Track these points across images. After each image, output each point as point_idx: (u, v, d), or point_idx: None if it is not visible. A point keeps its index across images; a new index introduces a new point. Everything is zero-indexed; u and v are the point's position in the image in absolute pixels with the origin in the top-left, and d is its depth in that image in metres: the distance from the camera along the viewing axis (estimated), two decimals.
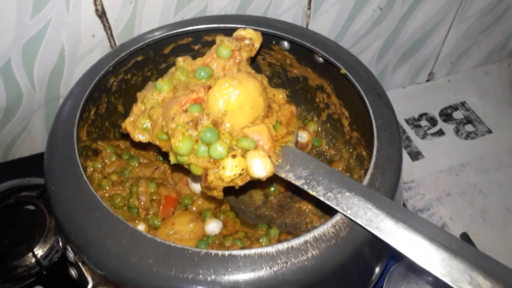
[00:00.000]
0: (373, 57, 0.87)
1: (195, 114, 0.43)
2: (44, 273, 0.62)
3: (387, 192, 0.41)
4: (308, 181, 0.42)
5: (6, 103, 0.68)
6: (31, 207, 0.70)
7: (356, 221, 0.38)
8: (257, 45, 0.51)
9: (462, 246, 0.36)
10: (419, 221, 0.37)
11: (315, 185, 0.42)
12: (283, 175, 0.44)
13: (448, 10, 0.83)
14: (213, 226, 0.52)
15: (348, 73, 0.51)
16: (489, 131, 0.88)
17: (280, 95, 0.52)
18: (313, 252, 0.36)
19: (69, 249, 0.39)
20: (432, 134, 0.89)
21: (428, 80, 0.98)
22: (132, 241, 0.37)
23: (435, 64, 0.95)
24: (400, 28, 0.83)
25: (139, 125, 0.47)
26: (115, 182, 0.54)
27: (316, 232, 0.37)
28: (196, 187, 0.55)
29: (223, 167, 0.42)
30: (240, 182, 0.44)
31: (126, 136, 0.63)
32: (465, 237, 0.73)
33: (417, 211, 0.77)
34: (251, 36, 0.49)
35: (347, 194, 0.40)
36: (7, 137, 0.74)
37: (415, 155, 0.85)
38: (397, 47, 0.87)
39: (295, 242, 0.36)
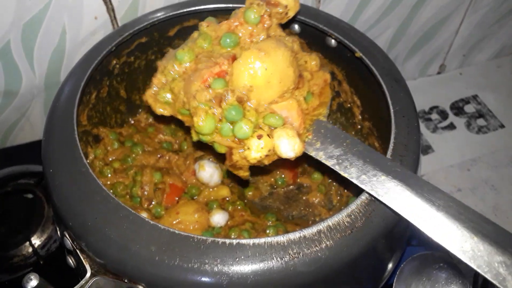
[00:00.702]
0: (383, 47, 0.84)
1: (218, 90, 0.39)
2: (41, 263, 0.60)
3: None
4: (340, 161, 0.39)
5: (4, 88, 0.66)
6: (29, 195, 0.68)
7: (393, 207, 0.35)
8: (291, 14, 0.46)
9: (507, 238, 0.33)
10: (462, 208, 0.34)
11: (348, 166, 0.38)
12: (312, 154, 0.41)
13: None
14: (219, 218, 0.49)
15: (363, 56, 0.48)
16: (502, 126, 0.86)
17: (313, 61, 0.47)
18: (327, 243, 0.34)
19: (67, 236, 0.37)
20: (443, 128, 0.86)
21: (439, 73, 0.96)
22: (133, 228, 0.34)
23: (447, 56, 0.92)
24: (411, 17, 0.80)
25: (160, 99, 0.43)
26: (117, 170, 0.51)
27: (330, 222, 0.34)
28: (205, 176, 0.52)
29: (248, 148, 0.39)
30: (266, 162, 0.40)
31: (127, 123, 0.61)
32: None
33: None
34: (286, 4, 0.45)
35: (382, 177, 0.36)
36: (6, 123, 0.71)
37: (425, 149, 0.83)
38: (408, 38, 0.85)
39: (308, 231, 0.34)
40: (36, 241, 0.63)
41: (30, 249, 0.62)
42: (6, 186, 0.67)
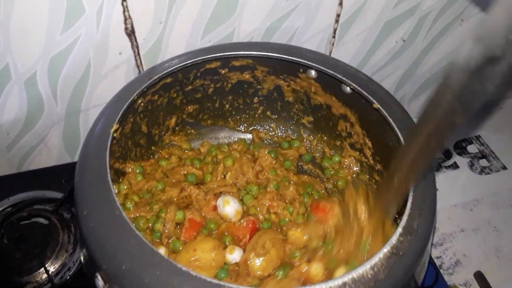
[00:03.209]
0: (391, 87, 0.87)
1: None
2: None
3: (424, 234, 0.40)
4: None
5: (27, 114, 0.68)
6: (45, 221, 0.69)
7: None
8: None
9: None
10: None
11: None
12: None
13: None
14: (235, 255, 0.51)
15: (381, 108, 0.50)
16: (504, 167, 0.88)
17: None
18: None
19: (99, 278, 0.38)
20: (447, 167, 0.88)
21: None
22: (167, 274, 0.36)
23: None
24: (420, 60, 0.84)
25: None
26: (139, 204, 0.53)
27: (354, 274, 0.36)
28: (229, 212, 0.54)
29: None
30: None
31: (149, 157, 0.62)
32: (479, 275, 0.72)
33: None
34: None
35: None
36: (24, 148, 0.73)
37: None
38: (416, 79, 0.88)
39: (334, 283, 0.36)
40: (50, 267, 0.64)
41: (45, 276, 0.62)
42: (22, 211, 0.69)
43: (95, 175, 0.42)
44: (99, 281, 0.38)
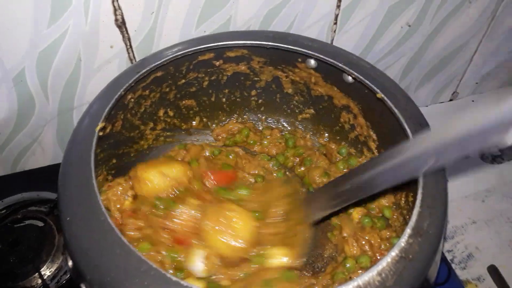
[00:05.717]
0: (397, 74, 0.84)
1: None
2: None
3: (435, 235, 0.37)
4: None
5: (17, 113, 0.65)
6: (40, 223, 0.67)
7: None
8: None
9: None
10: None
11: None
12: None
13: (477, 29, 0.80)
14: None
15: (385, 97, 0.47)
16: None
17: None
18: None
19: None
20: None
21: (451, 100, 0.95)
22: (155, 285, 0.33)
23: (460, 83, 0.92)
24: (427, 46, 0.80)
25: None
26: None
27: (360, 281, 0.33)
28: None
29: None
30: None
31: None
32: (493, 269, 0.69)
33: None
34: None
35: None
36: (17, 148, 0.71)
37: None
38: (422, 65, 0.84)
39: None
40: (45, 272, 0.61)
41: (40, 281, 0.60)
42: (16, 213, 0.66)
43: (79, 178, 0.40)
44: None
